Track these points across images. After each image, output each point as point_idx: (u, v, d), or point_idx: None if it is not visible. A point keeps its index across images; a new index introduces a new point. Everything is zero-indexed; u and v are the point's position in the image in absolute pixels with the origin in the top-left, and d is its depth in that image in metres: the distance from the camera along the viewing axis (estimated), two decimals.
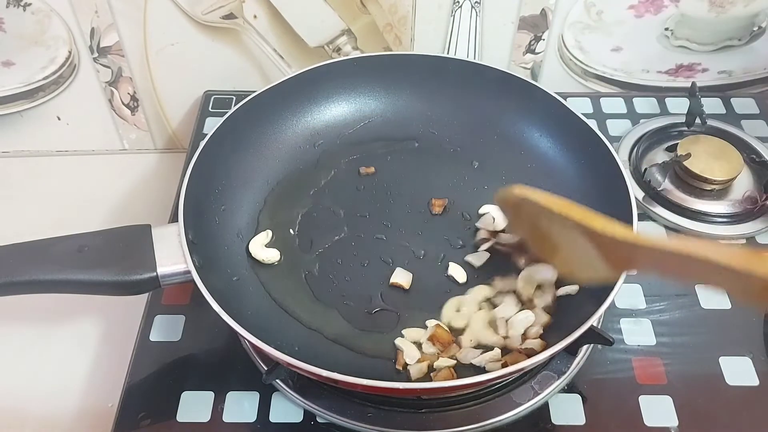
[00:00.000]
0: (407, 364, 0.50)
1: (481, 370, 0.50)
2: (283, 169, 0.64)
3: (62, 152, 0.82)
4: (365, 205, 0.62)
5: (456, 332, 0.52)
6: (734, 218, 0.64)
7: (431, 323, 0.52)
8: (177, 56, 0.73)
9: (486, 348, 0.51)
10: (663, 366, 0.53)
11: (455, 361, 0.50)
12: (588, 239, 0.42)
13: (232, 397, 0.51)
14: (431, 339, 0.51)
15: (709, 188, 0.65)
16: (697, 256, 0.34)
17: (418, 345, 0.51)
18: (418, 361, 0.50)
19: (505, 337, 0.51)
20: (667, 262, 0.37)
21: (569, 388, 0.52)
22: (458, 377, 0.49)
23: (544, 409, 0.51)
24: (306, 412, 0.50)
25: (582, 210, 0.43)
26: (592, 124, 0.60)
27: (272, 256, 0.57)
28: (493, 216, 0.60)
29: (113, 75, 0.75)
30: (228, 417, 0.50)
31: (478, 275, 0.56)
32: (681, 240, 0.36)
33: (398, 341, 0.51)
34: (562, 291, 0.54)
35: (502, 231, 0.59)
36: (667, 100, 0.77)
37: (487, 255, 0.58)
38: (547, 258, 0.50)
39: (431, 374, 0.50)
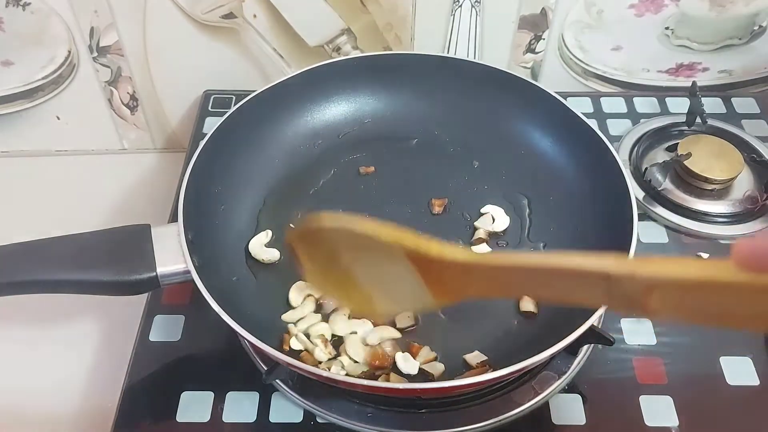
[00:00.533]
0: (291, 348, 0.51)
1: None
2: (283, 168, 0.64)
3: (62, 152, 0.82)
4: (365, 204, 0.62)
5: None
6: (735, 218, 0.64)
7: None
8: (177, 56, 0.73)
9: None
10: (663, 366, 0.53)
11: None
12: (414, 267, 0.36)
13: (232, 397, 0.51)
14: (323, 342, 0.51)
15: (709, 188, 0.65)
16: (564, 267, 0.30)
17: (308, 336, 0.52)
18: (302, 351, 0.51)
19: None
20: (525, 280, 0.33)
21: (569, 388, 0.52)
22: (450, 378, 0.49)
23: (544, 409, 0.51)
24: (306, 412, 0.50)
25: (408, 234, 0.36)
26: (593, 123, 0.59)
27: (272, 255, 0.57)
28: (492, 216, 0.60)
29: (113, 74, 0.75)
30: (228, 417, 0.50)
31: None
32: (541, 255, 0.32)
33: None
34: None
35: (503, 232, 0.60)
36: (667, 99, 0.77)
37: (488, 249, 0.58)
38: (355, 303, 0.44)
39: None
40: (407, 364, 0.50)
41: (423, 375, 0.50)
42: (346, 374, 0.49)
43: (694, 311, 0.28)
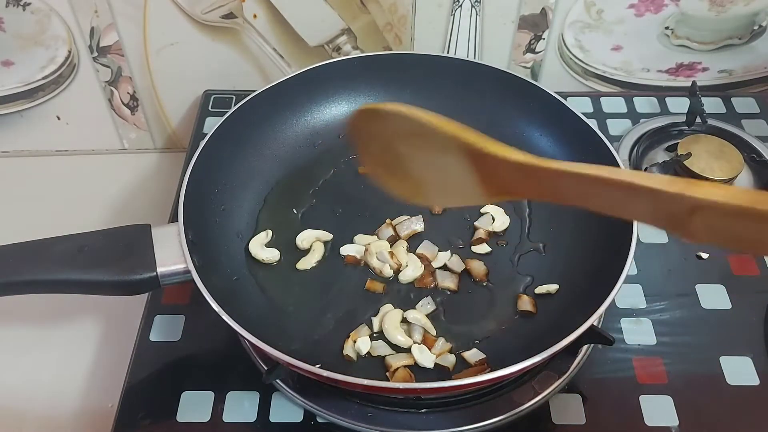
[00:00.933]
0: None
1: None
2: (283, 168, 0.64)
3: (62, 152, 0.82)
4: (365, 204, 0.62)
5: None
6: None
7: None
8: (177, 56, 0.73)
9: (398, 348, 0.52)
10: (663, 366, 0.53)
11: (412, 361, 0.51)
12: (468, 162, 0.38)
13: (232, 397, 0.51)
14: None
15: None
16: (618, 180, 0.32)
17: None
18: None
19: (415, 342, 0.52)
20: (575, 188, 0.34)
21: (569, 388, 0.52)
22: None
23: (544, 409, 0.51)
24: (306, 412, 0.50)
25: (467, 130, 0.39)
26: (593, 123, 0.59)
27: (272, 255, 0.57)
28: (492, 216, 0.60)
29: (113, 74, 0.75)
30: (228, 417, 0.50)
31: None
32: (592, 165, 0.33)
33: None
34: (542, 290, 0.55)
35: (503, 232, 0.60)
36: (667, 99, 0.77)
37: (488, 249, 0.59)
38: (404, 190, 0.46)
39: (387, 374, 0.50)
40: (423, 355, 0.50)
41: (438, 368, 0.51)
42: (369, 349, 0.51)
43: (732, 237, 0.29)
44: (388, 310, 0.53)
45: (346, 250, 0.58)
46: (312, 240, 0.58)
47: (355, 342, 0.51)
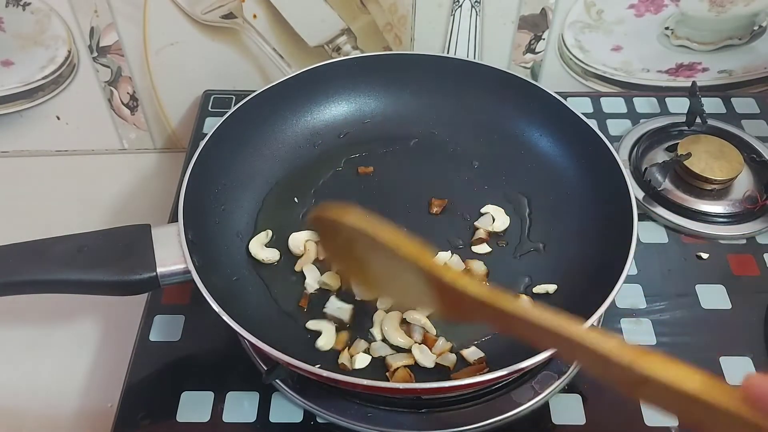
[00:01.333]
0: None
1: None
2: (283, 168, 0.64)
3: (62, 152, 0.82)
4: (364, 204, 0.61)
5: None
6: (734, 218, 0.64)
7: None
8: (177, 56, 0.73)
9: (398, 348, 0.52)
10: None
11: (412, 361, 0.50)
12: (427, 283, 0.38)
13: (231, 397, 0.51)
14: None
15: (709, 188, 0.65)
16: (570, 337, 0.31)
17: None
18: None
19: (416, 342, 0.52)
20: (529, 331, 0.34)
21: (569, 388, 0.52)
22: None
23: (544, 409, 0.51)
24: (306, 412, 0.50)
25: (427, 253, 0.38)
26: (592, 123, 0.60)
27: (272, 255, 0.57)
28: (492, 216, 0.60)
29: (113, 74, 0.75)
30: (228, 417, 0.50)
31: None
32: (549, 314, 0.32)
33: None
34: (540, 289, 0.55)
35: (503, 232, 0.60)
36: (667, 99, 0.77)
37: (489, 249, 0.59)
38: (364, 285, 0.47)
39: (387, 374, 0.50)
40: (423, 355, 0.50)
41: (438, 368, 0.50)
42: (369, 349, 0.51)
43: (680, 412, 0.29)
44: (385, 315, 0.53)
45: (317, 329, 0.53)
46: (303, 242, 0.58)
47: (352, 357, 0.51)
